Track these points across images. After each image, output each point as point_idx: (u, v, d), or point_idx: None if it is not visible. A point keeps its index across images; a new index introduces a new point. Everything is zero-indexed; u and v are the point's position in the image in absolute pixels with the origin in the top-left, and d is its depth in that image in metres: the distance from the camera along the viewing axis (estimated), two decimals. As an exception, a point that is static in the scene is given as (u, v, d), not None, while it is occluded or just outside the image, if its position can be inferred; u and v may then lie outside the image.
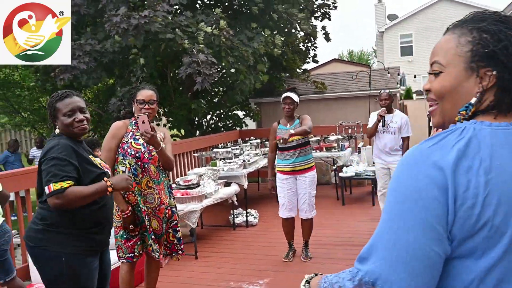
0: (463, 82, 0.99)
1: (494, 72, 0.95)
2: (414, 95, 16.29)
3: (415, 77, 17.23)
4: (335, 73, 12.86)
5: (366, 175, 7.28)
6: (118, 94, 7.60)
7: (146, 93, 3.17)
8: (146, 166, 3.13)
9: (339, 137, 7.99)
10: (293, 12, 9.00)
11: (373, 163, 5.84)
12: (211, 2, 9.86)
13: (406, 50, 25.06)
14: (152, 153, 3.14)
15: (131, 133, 3.17)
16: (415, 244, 0.89)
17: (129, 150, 3.10)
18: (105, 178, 2.40)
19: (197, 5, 9.58)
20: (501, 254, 0.89)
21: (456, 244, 0.90)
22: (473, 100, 0.97)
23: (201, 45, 7.13)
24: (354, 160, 7.84)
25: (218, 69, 8.20)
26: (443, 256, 0.90)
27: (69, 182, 2.24)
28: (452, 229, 0.89)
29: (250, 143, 8.33)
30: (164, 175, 3.28)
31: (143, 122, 2.97)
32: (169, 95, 9.39)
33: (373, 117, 5.48)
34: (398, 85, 11.55)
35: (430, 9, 24.59)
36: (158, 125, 3.78)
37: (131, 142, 3.14)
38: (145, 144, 3.12)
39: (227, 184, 5.97)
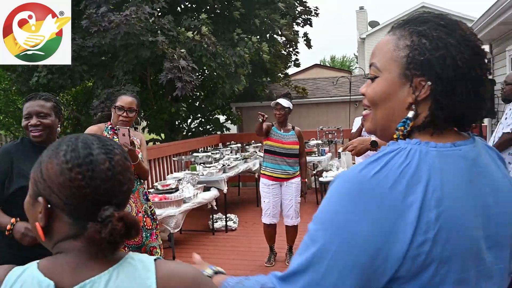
0: (397, 90, 0.88)
1: (429, 83, 0.84)
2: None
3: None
4: (316, 78, 12.94)
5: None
6: (100, 95, 7.50)
7: (126, 100, 3.07)
8: None
9: (320, 142, 8.02)
10: (275, 18, 9.03)
11: (353, 168, 5.86)
12: (194, 6, 9.83)
13: (387, 57, 25.39)
14: None
15: None
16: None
17: None
18: (13, 220, 2.19)
19: (179, 9, 9.54)
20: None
21: (404, 282, 0.79)
22: (411, 114, 0.86)
23: (182, 50, 7.09)
24: (334, 165, 7.86)
25: (199, 75, 8.18)
26: None
27: None
28: (400, 269, 0.78)
29: (231, 147, 8.30)
30: (139, 183, 3.22)
31: (124, 135, 2.89)
32: (149, 98, 9.31)
33: (357, 122, 5.52)
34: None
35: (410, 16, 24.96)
36: (135, 129, 3.70)
37: None
38: None
39: (207, 189, 5.92)
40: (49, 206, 0.86)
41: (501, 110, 5.39)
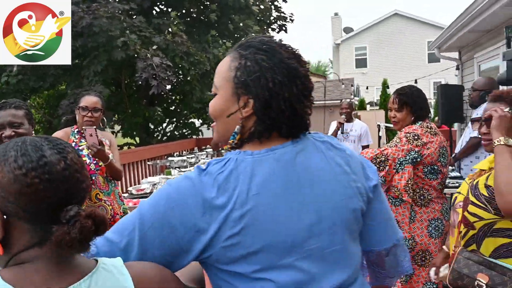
0: (230, 106, 1.01)
1: (251, 101, 0.97)
2: (368, 106, 16.77)
3: (367, 88, 17.77)
4: (292, 83, 13.07)
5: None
6: (69, 95, 7.38)
7: (90, 100, 3.02)
8: (93, 178, 2.99)
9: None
10: (248, 24, 9.10)
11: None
12: (169, 9, 9.80)
13: (361, 62, 25.81)
14: (99, 164, 3.00)
15: (74, 143, 3.01)
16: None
17: None
18: None
19: (154, 11, 9.50)
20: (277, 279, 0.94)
21: (225, 268, 0.95)
22: (237, 129, 1.00)
23: (154, 47, 7.05)
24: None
25: (175, 75, 8.14)
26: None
27: None
28: (211, 254, 0.93)
29: (207, 151, 8.27)
30: (113, 184, 3.18)
31: (91, 135, 2.83)
32: (123, 101, 9.22)
33: (333, 126, 5.63)
34: (352, 96, 11.86)
35: (383, 23, 25.48)
36: (103, 129, 3.65)
37: None
38: (91, 155, 3.00)
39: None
40: (4, 217, 0.81)
41: (469, 115, 5.57)
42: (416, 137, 2.48)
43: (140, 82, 6.99)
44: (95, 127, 2.92)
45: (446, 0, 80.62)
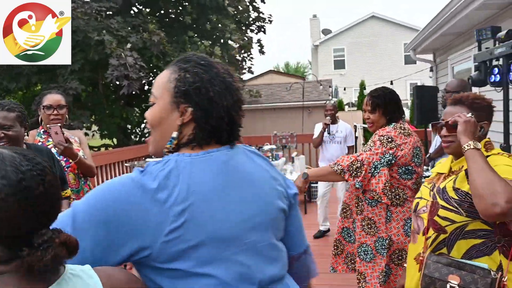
0: (169, 115, 1.08)
1: (190, 109, 1.06)
2: (346, 107, 16.96)
3: (344, 89, 17.96)
4: (271, 84, 13.11)
5: (299, 184, 7.43)
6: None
7: (53, 98, 2.99)
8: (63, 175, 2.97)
9: (273, 147, 8.13)
10: (226, 23, 9.11)
11: (306, 172, 6.00)
12: (147, 10, 9.74)
13: (339, 64, 26.07)
14: (69, 161, 2.94)
15: (40, 143, 2.96)
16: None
17: None
18: None
19: (132, 12, 9.42)
20: (216, 271, 0.99)
21: (165, 266, 0.97)
22: (175, 134, 1.08)
23: (129, 46, 7.00)
24: (288, 169, 7.99)
25: (149, 75, 8.09)
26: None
27: None
28: (153, 251, 0.96)
29: (185, 152, 8.25)
30: (83, 182, 3.12)
31: (56, 133, 2.77)
32: (100, 102, 9.11)
33: (318, 128, 5.68)
34: (330, 97, 11.97)
35: (361, 25, 25.81)
36: (70, 128, 3.62)
37: None
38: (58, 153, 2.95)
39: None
40: None
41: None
42: (389, 140, 2.51)
43: (109, 79, 6.91)
44: (59, 124, 2.87)
45: (423, 2, 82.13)
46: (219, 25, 9.09)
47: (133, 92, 7.00)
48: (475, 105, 1.73)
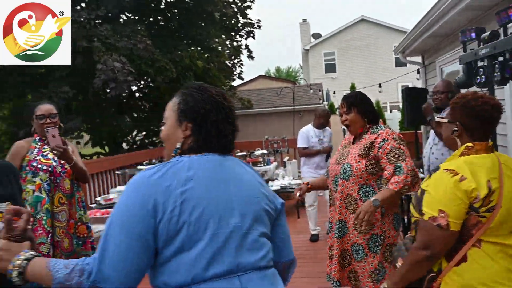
0: (176, 131, 1.38)
1: (189, 125, 1.34)
2: (338, 111, 17.02)
3: (334, 93, 18.02)
4: (261, 89, 13.14)
5: (291, 188, 7.43)
6: (31, 103, 7.26)
7: (45, 108, 3.04)
8: (59, 181, 2.98)
9: (265, 151, 8.14)
10: (212, 30, 9.14)
11: (299, 176, 6.02)
12: (136, 18, 9.73)
13: (330, 67, 26.17)
14: (65, 167, 3.00)
15: (37, 149, 3.01)
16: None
17: (39, 166, 2.94)
18: None
19: (121, 20, 9.42)
20: (205, 245, 1.19)
21: (164, 245, 1.19)
22: (178, 145, 1.36)
23: (117, 50, 7.02)
24: (280, 174, 7.99)
25: (139, 82, 8.09)
26: (148, 262, 1.21)
27: None
28: (161, 231, 1.18)
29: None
30: (75, 188, 3.13)
31: (54, 136, 2.83)
32: (91, 111, 9.07)
33: (301, 135, 5.68)
34: (321, 101, 12.01)
35: (351, 29, 25.96)
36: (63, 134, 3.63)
37: (39, 158, 2.97)
38: (56, 158, 2.97)
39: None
40: None
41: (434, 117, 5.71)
42: (400, 138, 2.64)
43: (96, 84, 6.91)
44: (57, 126, 2.93)
45: (412, 4, 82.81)
46: (206, 32, 9.10)
47: (123, 95, 7.01)
48: (453, 104, 1.83)
